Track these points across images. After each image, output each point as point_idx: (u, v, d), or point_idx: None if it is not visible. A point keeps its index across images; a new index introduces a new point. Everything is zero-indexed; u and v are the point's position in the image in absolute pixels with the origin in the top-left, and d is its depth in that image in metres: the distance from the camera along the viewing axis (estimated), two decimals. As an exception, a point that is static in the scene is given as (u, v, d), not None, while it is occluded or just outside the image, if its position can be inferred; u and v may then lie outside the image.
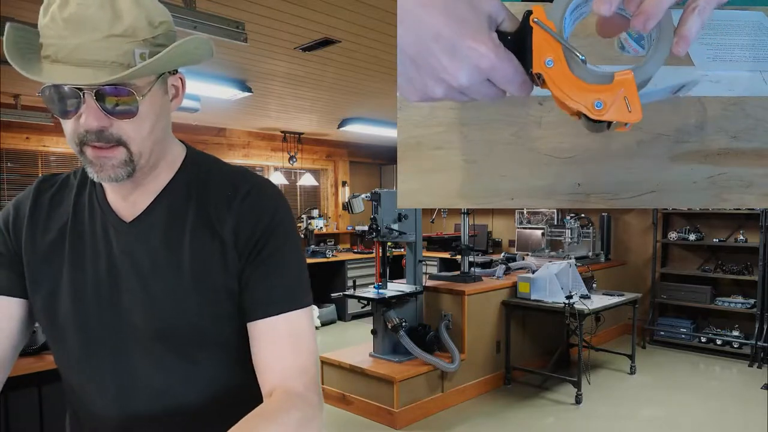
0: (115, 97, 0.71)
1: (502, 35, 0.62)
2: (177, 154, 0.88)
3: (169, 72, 0.80)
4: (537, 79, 0.64)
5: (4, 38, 0.70)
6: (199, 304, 0.81)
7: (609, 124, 0.64)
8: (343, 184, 7.67)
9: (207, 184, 0.86)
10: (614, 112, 0.61)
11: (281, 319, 0.82)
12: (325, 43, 3.12)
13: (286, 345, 0.82)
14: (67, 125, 0.74)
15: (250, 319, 0.83)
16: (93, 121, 0.71)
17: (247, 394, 0.83)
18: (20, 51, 0.71)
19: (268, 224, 0.84)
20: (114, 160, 0.75)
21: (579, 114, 0.65)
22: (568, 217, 5.85)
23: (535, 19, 0.60)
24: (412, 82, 0.64)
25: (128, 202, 0.84)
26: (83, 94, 0.70)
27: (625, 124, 0.65)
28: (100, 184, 0.86)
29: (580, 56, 0.61)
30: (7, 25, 0.71)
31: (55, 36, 0.69)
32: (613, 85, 0.60)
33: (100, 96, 0.71)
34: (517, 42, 0.62)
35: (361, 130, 6.13)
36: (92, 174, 0.76)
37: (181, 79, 0.83)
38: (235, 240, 0.83)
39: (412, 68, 0.63)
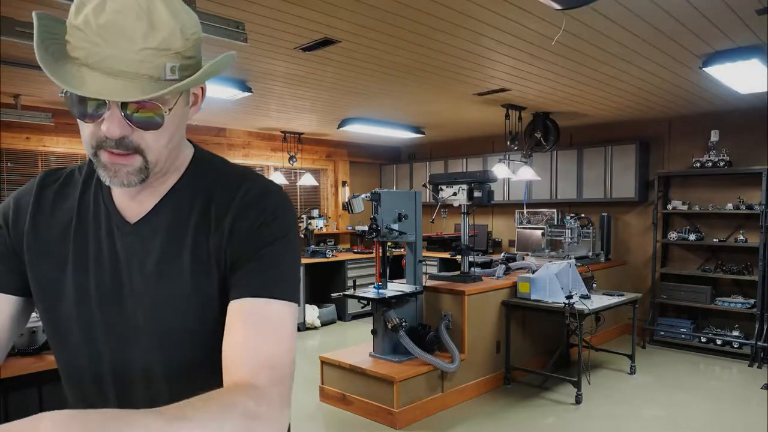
0: (142, 110, 0.71)
1: None
2: (185, 156, 0.87)
3: None
4: None
5: (34, 32, 0.67)
6: (198, 308, 0.81)
7: None
8: (343, 184, 7.67)
9: (212, 187, 0.85)
10: None
11: (261, 302, 0.76)
12: (325, 43, 3.12)
13: (260, 330, 0.74)
14: (86, 128, 0.73)
15: (231, 299, 0.77)
16: (116, 129, 0.70)
17: None
18: (47, 49, 0.68)
19: (266, 218, 0.81)
20: (129, 167, 0.74)
21: None
22: (568, 217, 5.85)
23: None
24: None
25: (135, 202, 0.84)
26: (109, 101, 0.69)
27: None
28: None
29: None
30: (33, 14, 0.69)
31: (87, 41, 0.67)
32: None
33: (125, 105, 0.70)
34: None
35: (361, 130, 6.13)
36: (105, 178, 0.75)
37: (202, 88, 0.82)
38: (230, 235, 0.80)
39: None
